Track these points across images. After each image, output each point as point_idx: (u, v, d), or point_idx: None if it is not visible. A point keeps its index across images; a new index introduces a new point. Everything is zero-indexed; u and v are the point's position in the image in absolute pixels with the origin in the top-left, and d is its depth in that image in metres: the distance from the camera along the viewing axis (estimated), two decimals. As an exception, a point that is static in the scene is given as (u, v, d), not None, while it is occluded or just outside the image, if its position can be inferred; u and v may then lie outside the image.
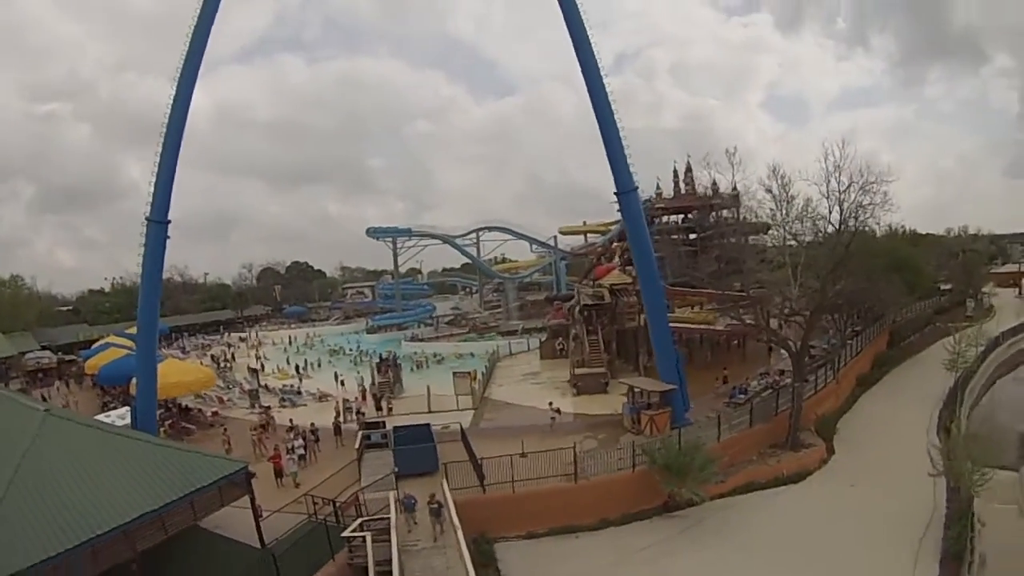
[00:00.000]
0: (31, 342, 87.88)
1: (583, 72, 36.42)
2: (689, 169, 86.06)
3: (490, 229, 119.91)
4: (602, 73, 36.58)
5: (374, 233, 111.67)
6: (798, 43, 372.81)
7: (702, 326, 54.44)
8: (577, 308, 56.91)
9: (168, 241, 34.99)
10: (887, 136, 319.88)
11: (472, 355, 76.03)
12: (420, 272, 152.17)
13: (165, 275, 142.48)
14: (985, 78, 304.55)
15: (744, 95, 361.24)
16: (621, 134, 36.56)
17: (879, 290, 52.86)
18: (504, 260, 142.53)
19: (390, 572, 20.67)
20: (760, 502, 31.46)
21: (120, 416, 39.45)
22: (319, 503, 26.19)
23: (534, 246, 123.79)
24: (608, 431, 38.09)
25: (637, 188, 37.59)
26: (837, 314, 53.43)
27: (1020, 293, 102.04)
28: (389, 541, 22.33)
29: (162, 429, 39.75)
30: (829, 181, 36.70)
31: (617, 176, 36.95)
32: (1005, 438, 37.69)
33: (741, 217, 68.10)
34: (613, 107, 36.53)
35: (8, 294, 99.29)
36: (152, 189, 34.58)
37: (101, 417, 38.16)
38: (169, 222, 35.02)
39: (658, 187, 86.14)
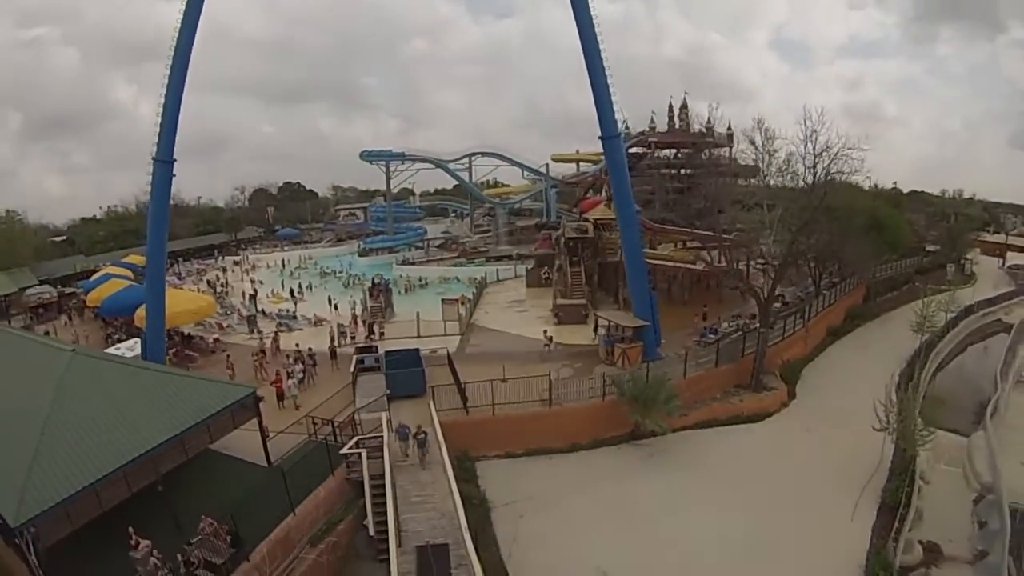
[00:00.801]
0: (30, 277, 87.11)
1: (574, 12, 37.18)
2: (684, 105, 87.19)
3: (483, 155, 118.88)
4: (594, 18, 37.32)
5: (367, 157, 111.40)
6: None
7: (681, 264, 55.93)
8: (562, 240, 59.05)
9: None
10: (893, 89, 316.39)
11: (457, 280, 78.98)
12: (413, 193, 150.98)
13: None
14: (999, 45, 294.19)
15: (750, 33, 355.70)
16: (609, 81, 37.59)
17: (854, 248, 54.05)
18: (496, 184, 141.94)
19: (383, 485, 23.44)
20: (718, 437, 34.15)
21: (129, 348, 41.22)
22: (318, 424, 28.95)
23: (526, 172, 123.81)
24: (584, 361, 40.56)
25: (620, 135, 39.41)
26: (813, 264, 55.16)
27: (1003, 264, 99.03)
28: (382, 458, 25.21)
29: (167, 358, 41.20)
30: (806, 144, 38.42)
31: (603, 121, 38.28)
32: (961, 404, 40.02)
33: (732, 158, 69.90)
34: (604, 55, 37.55)
35: (3, 230, 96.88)
36: (157, 129, 35.88)
37: (111, 350, 40.20)
38: (175, 161, 36.58)
39: (652, 120, 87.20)
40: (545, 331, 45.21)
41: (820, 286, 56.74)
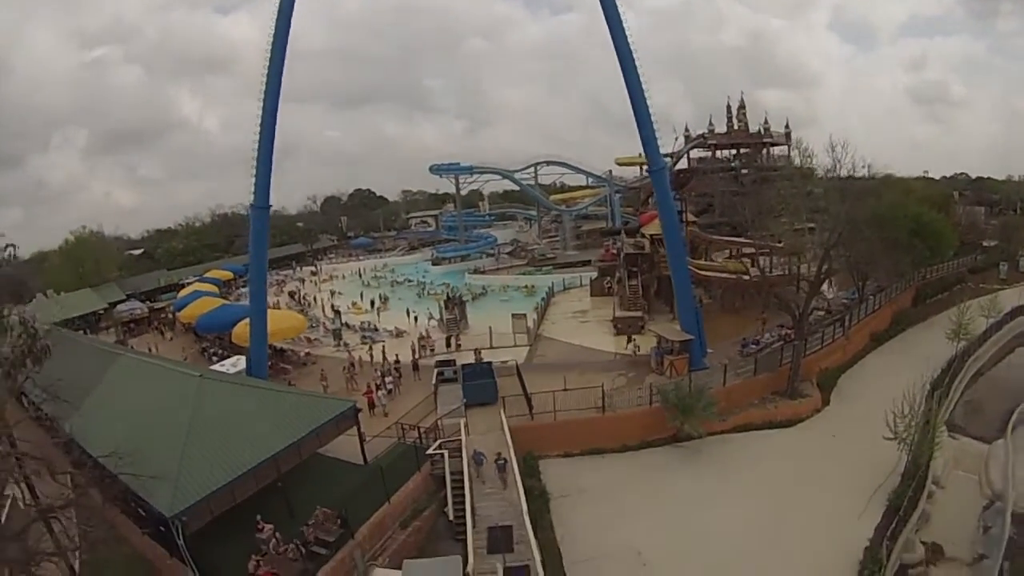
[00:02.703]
0: (117, 292, 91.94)
1: (618, 58, 40.55)
2: (742, 105, 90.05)
3: (548, 163, 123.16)
4: (638, 68, 40.68)
5: (437, 171, 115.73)
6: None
7: (732, 275, 58.87)
8: (622, 254, 63.23)
9: (231, 182, 42.32)
10: (957, 67, 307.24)
11: (514, 288, 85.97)
12: (482, 197, 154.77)
13: (232, 210, 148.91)
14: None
15: (809, 15, 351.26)
16: (652, 116, 41.24)
17: (892, 258, 54.80)
18: (563, 188, 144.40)
19: (462, 479, 28.83)
20: (752, 440, 37.76)
21: (232, 364, 45.14)
22: (407, 429, 34.23)
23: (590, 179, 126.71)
24: (637, 370, 44.89)
25: (665, 167, 43.50)
26: (856, 273, 57.07)
27: None
28: (461, 457, 30.54)
29: (264, 371, 46.43)
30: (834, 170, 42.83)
31: (649, 155, 42.60)
32: (998, 409, 41.56)
33: (789, 159, 71.99)
34: (647, 95, 41.11)
35: (90, 249, 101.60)
36: (253, 179, 40.90)
37: (217, 367, 45.09)
38: (270, 207, 42.45)
39: (711, 123, 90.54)
40: (630, 339, 50.25)
41: (863, 293, 58.32)
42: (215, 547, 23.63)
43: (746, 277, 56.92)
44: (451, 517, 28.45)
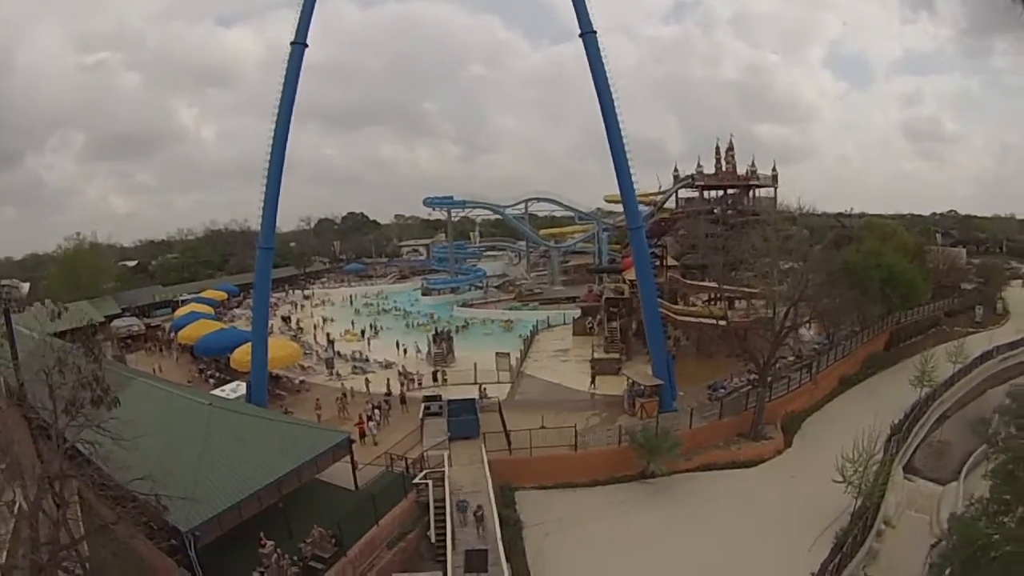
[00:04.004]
0: (113, 306, 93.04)
1: (606, 126, 44.14)
2: (731, 147, 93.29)
3: (538, 200, 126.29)
4: (619, 121, 44.05)
5: (431, 203, 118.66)
6: (861, 1, 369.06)
7: (707, 320, 59.63)
8: (602, 299, 66.53)
9: (226, 194, 46.15)
10: (950, 104, 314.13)
11: (494, 321, 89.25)
12: (474, 227, 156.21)
13: (225, 227, 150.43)
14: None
15: (805, 50, 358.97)
16: (633, 177, 44.65)
17: (865, 307, 58.28)
18: (554, 220, 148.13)
19: (444, 506, 32.00)
20: (714, 479, 40.60)
21: (232, 390, 47.06)
22: (395, 458, 37.15)
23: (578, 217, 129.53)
24: (611, 411, 47.88)
25: (642, 227, 46.84)
26: (827, 320, 59.45)
27: None
28: (444, 486, 33.50)
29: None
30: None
31: (628, 214, 46.51)
32: (957, 452, 44.19)
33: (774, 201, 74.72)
34: (630, 159, 44.52)
35: (88, 261, 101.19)
36: (260, 221, 44.19)
37: (218, 391, 47.00)
38: (273, 248, 45.91)
39: (699, 164, 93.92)
40: (592, 381, 53.43)
41: (834, 339, 61.13)
42: (222, 560, 26.24)
43: (721, 322, 58.37)
44: (433, 540, 31.47)
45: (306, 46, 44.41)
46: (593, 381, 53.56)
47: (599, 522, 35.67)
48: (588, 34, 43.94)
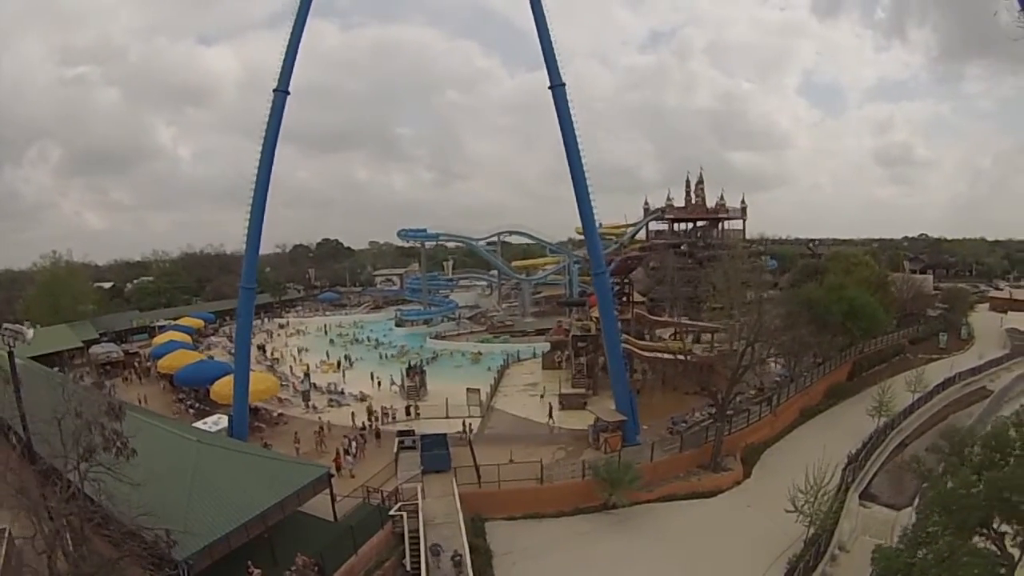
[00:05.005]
0: (91, 331, 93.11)
1: (572, 177, 46.49)
2: (701, 181, 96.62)
3: (511, 233, 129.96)
4: (585, 172, 46.44)
5: (405, 235, 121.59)
6: (835, 30, 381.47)
7: (670, 356, 63.37)
8: (570, 336, 69.17)
9: (202, 215, 48.56)
10: (923, 130, 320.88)
11: (462, 354, 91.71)
12: (448, 256, 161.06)
13: (201, 250, 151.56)
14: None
15: (780, 79, 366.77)
16: (597, 224, 48.00)
17: (826, 340, 60.92)
18: (527, 251, 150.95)
19: (418, 537, 34.17)
20: (674, 510, 42.68)
21: (215, 423, 48.78)
22: (371, 491, 39.21)
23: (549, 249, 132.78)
24: (576, 445, 50.09)
25: (606, 272, 49.50)
26: (788, 353, 62.15)
27: (1002, 324, 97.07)
28: (417, 518, 35.71)
29: (238, 430, 49.40)
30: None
31: (593, 259, 49.13)
32: (911, 479, 44.41)
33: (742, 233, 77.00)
34: (594, 207, 47.24)
35: (67, 284, 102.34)
36: (244, 263, 46.73)
37: (200, 424, 48.42)
38: (255, 288, 47.92)
39: (669, 196, 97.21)
40: (550, 416, 55.61)
41: (794, 372, 62.94)
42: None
43: (685, 357, 61.57)
44: (408, 568, 33.63)
45: (288, 93, 46.74)
46: (551, 415, 55.84)
47: (564, 551, 37.69)
48: (558, 87, 46.69)
